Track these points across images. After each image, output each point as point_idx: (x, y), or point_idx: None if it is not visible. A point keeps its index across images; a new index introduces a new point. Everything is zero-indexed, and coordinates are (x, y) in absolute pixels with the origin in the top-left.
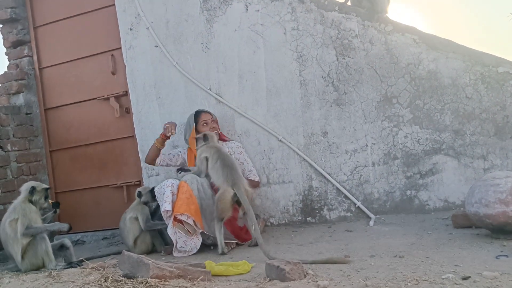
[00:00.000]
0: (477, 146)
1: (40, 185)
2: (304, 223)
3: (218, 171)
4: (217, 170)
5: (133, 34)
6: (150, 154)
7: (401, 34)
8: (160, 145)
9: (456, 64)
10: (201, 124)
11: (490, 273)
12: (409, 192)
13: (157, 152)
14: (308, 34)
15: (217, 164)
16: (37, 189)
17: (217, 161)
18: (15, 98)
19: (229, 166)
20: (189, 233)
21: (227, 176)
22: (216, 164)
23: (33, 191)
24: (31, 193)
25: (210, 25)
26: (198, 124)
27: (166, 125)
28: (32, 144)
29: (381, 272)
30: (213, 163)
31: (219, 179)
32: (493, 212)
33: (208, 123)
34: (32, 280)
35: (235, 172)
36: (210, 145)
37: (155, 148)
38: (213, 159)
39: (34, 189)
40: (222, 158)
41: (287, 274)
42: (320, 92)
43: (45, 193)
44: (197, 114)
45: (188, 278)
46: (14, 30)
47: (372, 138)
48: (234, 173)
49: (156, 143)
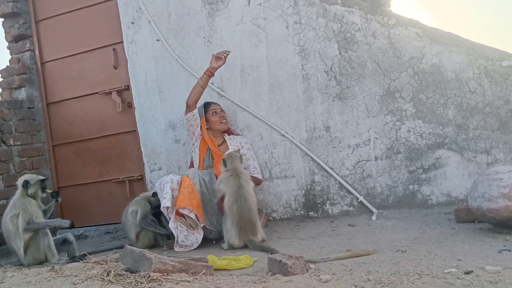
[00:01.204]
0: (481, 140)
1: (35, 177)
2: (306, 217)
3: (233, 218)
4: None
5: (135, 28)
6: (193, 95)
7: (404, 28)
8: (204, 83)
9: (460, 58)
10: (210, 113)
11: (493, 267)
12: (411, 187)
13: (201, 91)
14: (311, 27)
15: (234, 209)
16: (31, 182)
17: (234, 205)
18: (17, 92)
19: (246, 217)
20: (191, 227)
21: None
22: (232, 207)
23: (27, 184)
24: (25, 187)
25: (212, 19)
26: (208, 113)
27: (215, 54)
28: (34, 139)
29: (383, 267)
30: (230, 204)
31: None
32: (496, 207)
33: (217, 112)
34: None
35: (250, 223)
36: (230, 176)
37: (198, 87)
38: (231, 198)
39: (28, 182)
40: (240, 201)
41: (289, 268)
42: (323, 86)
43: (40, 185)
44: (206, 104)
45: (190, 272)
46: (16, 24)
47: (375, 132)
48: (248, 225)
49: (200, 81)
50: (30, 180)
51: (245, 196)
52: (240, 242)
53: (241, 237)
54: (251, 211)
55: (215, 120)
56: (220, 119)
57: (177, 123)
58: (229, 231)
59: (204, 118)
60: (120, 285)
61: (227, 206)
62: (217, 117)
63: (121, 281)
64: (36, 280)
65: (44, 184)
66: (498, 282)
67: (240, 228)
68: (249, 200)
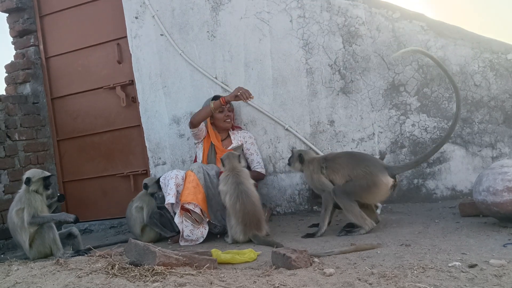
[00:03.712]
0: (485, 134)
1: (38, 174)
2: (310, 212)
3: (237, 216)
4: (235, 214)
5: (139, 23)
6: (201, 117)
7: (409, 21)
8: (215, 109)
9: (465, 51)
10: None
11: (497, 261)
12: (416, 181)
13: (209, 114)
14: (315, 21)
15: (237, 207)
16: (33, 179)
17: (237, 202)
18: (22, 87)
19: (250, 212)
20: (196, 222)
21: (244, 226)
22: (235, 205)
23: (29, 181)
24: (27, 184)
25: (215, 13)
26: None
27: (240, 91)
28: (39, 134)
29: (387, 260)
30: (232, 202)
31: (237, 228)
32: (501, 201)
33: (223, 110)
34: (40, 268)
35: (254, 218)
36: (228, 176)
37: (208, 110)
38: (232, 196)
39: (30, 180)
40: (242, 198)
41: (293, 262)
42: (327, 80)
43: (43, 182)
44: (216, 99)
45: (194, 266)
46: (20, 20)
47: (379, 126)
48: (253, 220)
49: (211, 106)
50: (32, 178)
51: (246, 192)
52: (244, 238)
53: (246, 233)
54: (254, 206)
55: (220, 118)
56: (225, 117)
57: (181, 117)
58: (233, 228)
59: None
60: (124, 278)
61: (229, 205)
62: (222, 115)
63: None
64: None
65: (48, 182)
66: (503, 276)
67: (245, 224)
68: (251, 195)
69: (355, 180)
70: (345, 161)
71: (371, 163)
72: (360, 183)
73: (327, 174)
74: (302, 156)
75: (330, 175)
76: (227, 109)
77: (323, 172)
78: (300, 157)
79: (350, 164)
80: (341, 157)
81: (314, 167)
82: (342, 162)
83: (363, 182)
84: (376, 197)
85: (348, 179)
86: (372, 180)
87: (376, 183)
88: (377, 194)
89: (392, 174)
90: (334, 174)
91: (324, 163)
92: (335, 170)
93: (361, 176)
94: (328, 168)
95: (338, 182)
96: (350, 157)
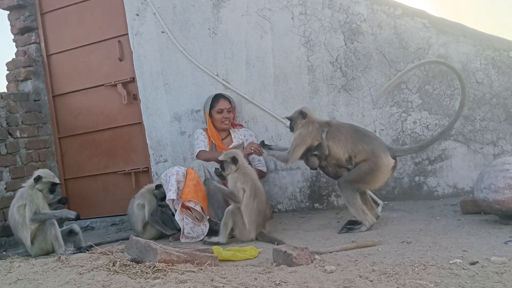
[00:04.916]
0: (487, 131)
1: (50, 177)
2: (311, 209)
3: (251, 214)
4: (250, 212)
5: (140, 20)
6: (208, 159)
7: (411, 18)
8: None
9: (467, 48)
10: (215, 111)
11: (498, 258)
12: (417, 178)
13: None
14: (316, 18)
15: (254, 205)
16: (43, 180)
17: (254, 200)
18: (23, 85)
19: (262, 211)
20: (196, 219)
21: (257, 225)
22: (252, 203)
23: (38, 180)
24: (36, 181)
25: (217, 10)
26: (214, 109)
27: (252, 147)
28: (40, 131)
29: (388, 258)
30: (249, 200)
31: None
32: (503, 198)
33: (223, 111)
34: (41, 264)
35: (263, 216)
36: (241, 173)
37: (216, 158)
38: (251, 194)
39: (40, 178)
40: (258, 196)
41: (294, 259)
42: (328, 77)
43: (50, 187)
44: (216, 98)
45: (195, 263)
46: (21, 17)
47: (380, 124)
48: (262, 218)
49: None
50: (43, 177)
51: (260, 190)
52: (254, 236)
53: (255, 231)
54: (266, 204)
55: (218, 119)
56: (223, 119)
57: (182, 115)
58: (244, 226)
59: (208, 112)
60: (125, 275)
61: (246, 203)
62: (220, 116)
63: (127, 271)
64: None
65: (54, 188)
66: (504, 273)
67: (258, 223)
68: (263, 193)
69: (357, 167)
70: (349, 133)
71: (374, 140)
72: (363, 168)
73: (326, 139)
74: (304, 113)
75: (329, 141)
76: (226, 110)
77: (323, 136)
78: (302, 113)
79: (353, 138)
80: (345, 127)
81: (314, 129)
82: (345, 133)
83: (365, 166)
84: (378, 180)
85: (351, 154)
86: (374, 162)
87: (378, 165)
88: (379, 178)
89: (394, 155)
90: (334, 142)
91: (326, 128)
92: (336, 138)
93: (363, 154)
94: (329, 133)
95: (336, 152)
96: (354, 131)
